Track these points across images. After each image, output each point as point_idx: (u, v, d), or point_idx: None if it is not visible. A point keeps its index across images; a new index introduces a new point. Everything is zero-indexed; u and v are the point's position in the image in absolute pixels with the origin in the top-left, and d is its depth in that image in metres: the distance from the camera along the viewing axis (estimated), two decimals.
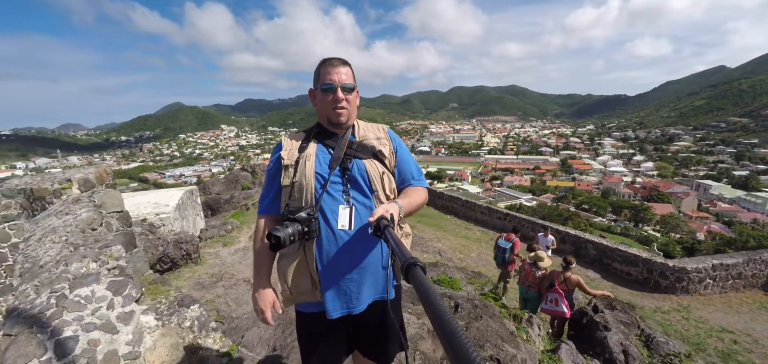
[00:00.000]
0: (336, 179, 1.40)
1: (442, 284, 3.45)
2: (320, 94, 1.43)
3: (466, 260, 8.34)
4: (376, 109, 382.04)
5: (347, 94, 1.43)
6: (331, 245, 1.37)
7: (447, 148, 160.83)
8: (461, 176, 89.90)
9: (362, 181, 1.42)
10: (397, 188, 1.54)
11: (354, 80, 1.47)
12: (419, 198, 1.52)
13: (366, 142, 1.49)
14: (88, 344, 1.42)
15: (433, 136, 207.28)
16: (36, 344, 1.35)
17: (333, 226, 1.37)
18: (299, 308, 1.52)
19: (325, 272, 1.38)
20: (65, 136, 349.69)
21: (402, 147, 1.59)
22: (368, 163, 1.45)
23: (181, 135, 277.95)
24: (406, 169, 1.56)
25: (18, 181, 5.39)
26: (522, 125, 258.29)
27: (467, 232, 11.82)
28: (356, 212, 1.39)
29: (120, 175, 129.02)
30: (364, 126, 1.57)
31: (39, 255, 2.15)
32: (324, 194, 1.38)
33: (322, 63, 1.45)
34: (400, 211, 1.37)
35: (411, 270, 0.82)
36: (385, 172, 1.48)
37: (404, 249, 0.97)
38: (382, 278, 1.45)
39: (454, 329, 0.57)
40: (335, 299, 1.41)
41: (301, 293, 1.42)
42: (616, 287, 7.83)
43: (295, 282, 1.41)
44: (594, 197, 57.85)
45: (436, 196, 16.57)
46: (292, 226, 1.27)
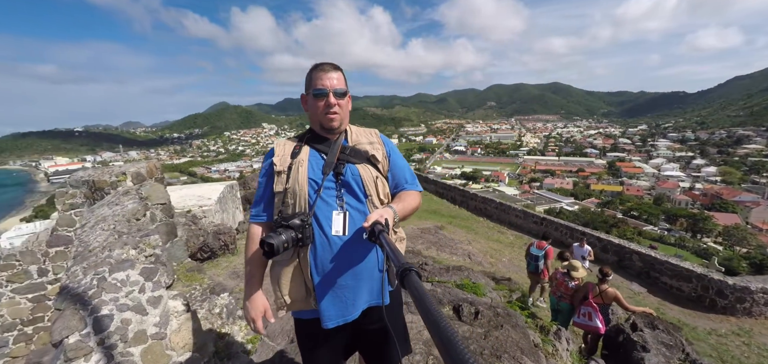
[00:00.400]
0: (329, 185, 1.39)
1: (465, 288, 3.37)
2: (312, 100, 1.43)
3: (496, 264, 8.09)
4: (411, 109, 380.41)
5: (339, 99, 1.42)
6: (325, 251, 1.36)
7: (483, 148, 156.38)
8: (498, 177, 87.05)
9: (356, 186, 1.41)
10: (391, 192, 1.53)
11: (346, 85, 1.47)
12: (413, 202, 1.50)
13: (359, 146, 1.48)
14: (121, 322, 1.57)
15: (469, 135, 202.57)
16: (78, 319, 1.51)
17: (327, 232, 1.36)
18: (296, 314, 1.50)
19: (320, 278, 1.37)
20: (126, 133, 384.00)
21: (395, 151, 1.58)
22: (362, 168, 1.44)
23: (226, 132, 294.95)
24: (399, 174, 1.54)
25: (83, 173, 6.02)
26: (565, 125, 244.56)
27: (500, 235, 11.44)
28: (350, 218, 1.38)
29: (172, 169, 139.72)
30: (356, 131, 1.55)
31: (90, 240, 2.40)
32: (317, 200, 1.36)
33: (314, 68, 1.45)
34: (395, 216, 1.35)
35: (406, 275, 0.81)
36: (379, 176, 1.47)
37: (399, 254, 0.96)
38: (378, 284, 1.43)
39: (451, 335, 0.56)
40: (330, 306, 1.39)
41: (295, 300, 1.41)
42: (664, 304, 7.21)
43: (289, 290, 1.40)
44: (645, 203, 53.52)
45: (468, 197, 16.21)
46: (286, 233, 1.26)
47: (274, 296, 1.43)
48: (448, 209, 15.25)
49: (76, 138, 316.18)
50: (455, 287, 3.32)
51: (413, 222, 11.22)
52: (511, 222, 13.27)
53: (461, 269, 3.95)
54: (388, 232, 1.19)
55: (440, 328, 0.59)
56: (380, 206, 1.44)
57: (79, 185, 5.41)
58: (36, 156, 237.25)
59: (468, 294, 3.21)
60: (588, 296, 4.18)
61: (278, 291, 1.40)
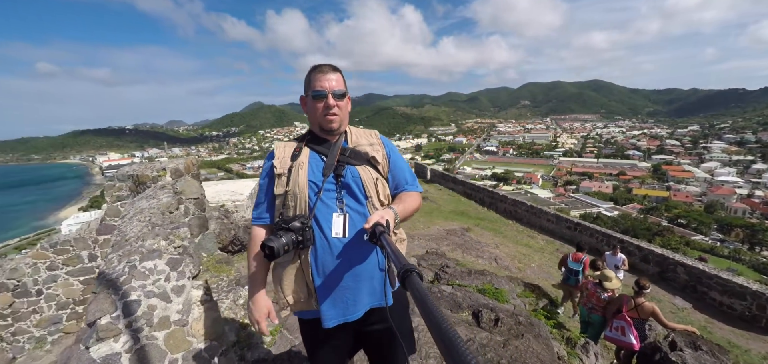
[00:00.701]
0: (329, 187, 1.39)
1: (487, 294, 3.27)
2: (311, 102, 1.42)
3: (524, 270, 7.81)
4: (441, 108, 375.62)
5: (338, 101, 1.42)
6: (325, 253, 1.37)
7: (516, 149, 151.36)
8: (530, 179, 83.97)
9: (356, 187, 1.41)
10: (391, 193, 1.52)
11: (345, 86, 1.46)
12: (413, 203, 1.49)
13: (359, 148, 1.47)
14: (147, 308, 1.68)
15: (500, 135, 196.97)
16: (110, 303, 1.64)
17: (327, 234, 1.36)
18: (299, 315, 1.52)
19: (321, 280, 1.38)
20: (170, 131, 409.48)
21: (395, 152, 1.57)
22: (362, 169, 1.43)
23: (261, 131, 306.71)
24: (399, 175, 1.53)
25: (129, 168, 6.50)
26: (605, 125, 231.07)
27: (529, 240, 11.04)
28: (350, 219, 1.38)
29: (210, 166, 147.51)
30: (356, 132, 1.54)
31: (127, 230, 2.58)
32: (318, 202, 1.36)
33: (313, 70, 1.44)
34: (396, 217, 1.34)
35: (407, 277, 0.81)
36: (379, 178, 1.46)
37: (400, 255, 0.95)
38: (379, 285, 1.43)
39: (452, 337, 0.56)
40: (331, 307, 1.40)
41: (297, 301, 1.43)
42: (712, 322, 6.63)
43: (291, 291, 1.41)
44: (694, 210, 49.44)
45: (498, 199, 15.76)
46: (286, 235, 1.27)
47: (276, 297, 1.45)
48: (475, 210, 14.92)
49: (127, 135, 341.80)
50: (476, 291, 3.23)
51: (439, 223, 11.10)
52: (542, 226, 12.76)
53: (484, 274, 3.85)
54: (389, 233, 1.19)
55: (442, 329, 0.58)
56: (380, 207, 1.43)
57: (124, 179, 5.83)
58: (92, 151, 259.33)
59: (489, 300, 3.12)
60: (622, 309, 3.93)
61: (280, 292, 1.42)
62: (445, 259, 5.34)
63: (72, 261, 6.09)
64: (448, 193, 18.82)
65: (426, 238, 8.88)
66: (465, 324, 2.62)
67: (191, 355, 1.75)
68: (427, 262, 5.14)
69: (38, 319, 5.88)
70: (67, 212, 68.85)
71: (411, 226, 10.23)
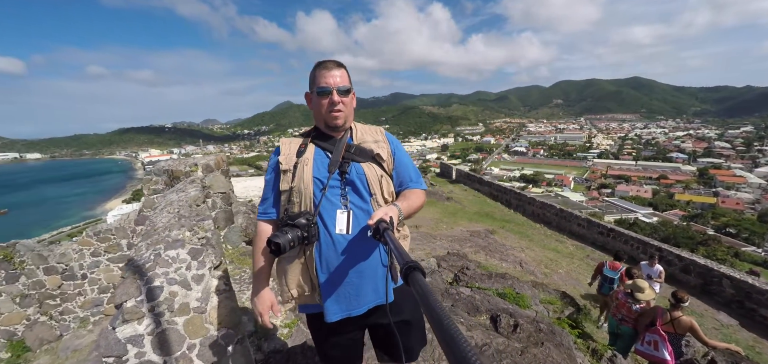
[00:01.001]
0: (334, 184, 1.40)
1: (507, 298, 3.16)
2: (316, 98, 1.43)
3: (551, 276, 7.52)
4: (469, 107, 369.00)
5: (343, 97, 1.42)
6: (329, 249, 1.38)
7: (547, 150, 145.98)
8: (562, 182, 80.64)
9: (361, 184, 1.41)
10: (396, 191, 1.52)
11: (349, 82, 1.46)
12: (418, 201, 1.50)
13: (364, 145, 1.48)
14: (169, 294, 1.77)
15: (530, 135, 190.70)
16: (135, 287, 1.74)
17: (331, 230, 1.38)
18: (304, 309, 1.54)
19: (325, 276, 1.40)
20: (205, 129, 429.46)
21: (400, 149, 1.56)
22: (366, 166, 1.43)
23: (290, 129, 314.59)
24: (404, 172, 1.53)
25: (164, 163, 6.89)
26: (645, 125, 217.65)
27: (558, 244, 10.61)
28: (354, 216, 1.38)
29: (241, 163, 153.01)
30: (361, 129, 1.55)
31: (157, 221, 2.73)
32: (322, 199, 1.38)
33: (317, 66, 1.44)
34: (399, 214, 1.34)
35: (410, 273, 0.81)
36: (384, 175, 1.46)
37: (403, 252, 0.95)
38: (382, 281, 1.42)
39: (454, 333, 0.56)
40: (334, 302, 1.41)
41: (301, 295, 1.45)
42: (761, 342, 6.09)
43: (295, 285, 1.43)
44: (746, 219, 45.47)
45: (525, 201, 15.28)
46: (292, 231, 1.28)
47: (280, 290, 1.48)
48: (501, 212, 14.54)
49: (166, 133, 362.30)
50: (496, 295, 3.14)
51: (463, 224, 10.91)
52: (572, 231, 12.23)
53: (505, 277, 3.73)
54: (392, 230, 1.19)
55: (443, 325, 0.58)
56: (385, 204, 1.44)
57: (160, 174, 6.17)
58: (136, 148, 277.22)
59: (509, 304, 3.02)
60: (656, 322, 3.68)
61: (285, 286, 1.45)
62: (467, 261, 5.24)
63: (113, 248, 6.54)
64: (473, 194, 18.47)
65: (449, 239, 8.76)
66: (482, 329, 2.56)
67: (208, 341, 1.82)
68: (448, 263, 5.06)
69: (82, 301, 6.37)
70: (112, 204, 74.14)
71: (434, 226, 10.14)
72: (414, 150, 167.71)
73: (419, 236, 8.69)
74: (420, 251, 6.94)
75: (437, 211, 12.28)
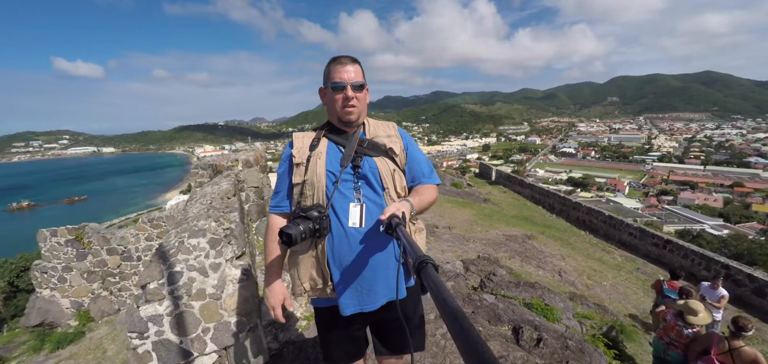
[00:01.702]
0: (347, 177, 1.40)
1: (534, 309, 2.95)
2: (330, 93, 1.43)
3: (594, 288, 6.99)
4: (513, 105, 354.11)
5: (357, 92, 1.42)
6: (342, 242, 1.38)
7: (598, 151, 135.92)
8: (615, 186, 74.62)
9: (373, 178, 1.41)
10: (409, 185, 1.51)
11: (363, 78, 1.46)
12: (430, 196, 1.49)
13: (377, 139, 1.47)
14: (187, 279, 1.89)
15: (581, 135, 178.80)
16: (159, 271, 1.87)
17: (344, 223, 1.38)
18: (314, 303, 1.54)
19: (337, 269, 1.40)
20: (254, 127, 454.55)
21: (412, 144, 1.56)
22: (379, 160, 1.43)
23: None
24: (417, 167, 1.52)
25: (210, 158, 7.40)
26: (717, 125, 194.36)
27: (604, 254, 9.84)
28: (367, 210, 1.38)
29: None
30: (374, 124, 1.55)
31: (189, 211, 2.93)
32: (335, 192, 1.38)
33: (332, 62, 1.45)
34: (412, 209, 1.34)
35: (423, 268, 0.80)
36: (396, 169, 1.46)
37: (416, 247, 0.94)
38: (394, 276, 1.41)
39: (467, 328, 0.56)
40: (347, 296, 1.42)
41: (313, 289, 1.45)
42: None
43: (307, 278, 1.44)
44: None
45: (569, 206, 14.34)
46: (304, 223, 1.28)
47: (293, 283, 1.50)
48: (542, 217, 13.79)
49: (219, 130, 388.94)
50: (522, 305, 2.95)
51: (499, 228, 10.50)
52: (622, 240, 11.27)
53: (535, 287, 3.49)
54: (405, 225, 1.18)
55: (457, 320, 0.58)
56: (397, 198, 1.44)
57: (205, 168, 6.61)
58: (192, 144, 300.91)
59: (536, 316, 2.83)
60: (710, 351, 3.25)
61: (297, 279, 1.46)
62: (497, 266, 5.03)
63: (163, 234, 7.15)
64: (513, 196, 17.71)
65: (482, 242, 8.48)
66: (501, 340, 2.42)
67: (221, 327, 1.92)
68: (477, 267, 4.89)
69: (136, 280, 7.03)
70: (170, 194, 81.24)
71: (467, 228, 9.87)
72: (453, 149, 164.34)
73: (452, 237, 8.50)
74: (450, 252, 6.79)
75: (473, 213, 11.93)
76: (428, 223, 9.43)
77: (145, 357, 1.83)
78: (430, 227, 9.07)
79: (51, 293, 6.82)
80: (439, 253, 6.54)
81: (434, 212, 10.93)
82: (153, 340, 1.81)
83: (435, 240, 7.95)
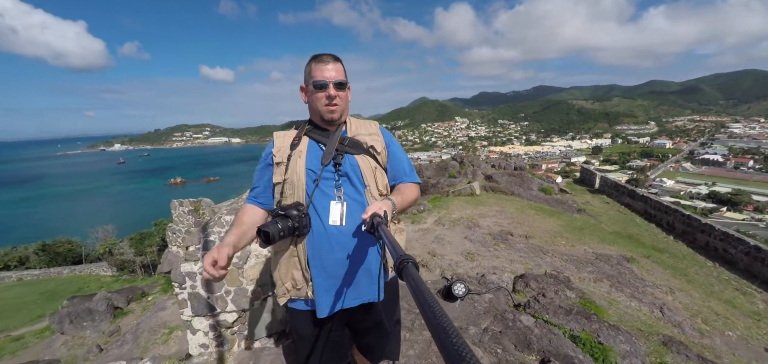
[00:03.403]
0: (328, 175, 1.41)
1: (579, 344, 2.42)
2: (312, 92, 1.43)
3: (710, 336, 5.54)
4: (636, 101, 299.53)
5: (339, 91, 1.42)
6: (322, 241, 1.38)
7: (761, 161, 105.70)
8: None
9: (354, 176, 1.42)
10: (390, 184, 1.52)
11: (345, 76, 1.45)
12: (411, 195, 1.52)
13: (358, 137, 1.47)
14: None
15: (733, 139, 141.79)
16: (197, 238, 2.29)
17: (325, 222, 1.38)
18: (291, 305, 1.54)
19: (317, 268, 1.40)
20: None
21: (394, 143, 1.56)
22: (360, 158, 1.44)
23: (423, 125, 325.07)
24: (398, 166, 1.53)
25: None
26: None
27: (738, 296, 7.71)
28: (348, 208, 1.38)
29: None
30: (356, 123, 1.55)
31: None
32: (315, 190, 1.39)
33: (313, 59, 1.44)
34: (393, 208, 1.34)
35: (404, 267, 0.82)
36: (377, 167, 1.46)
37: (397, 246, 0.96)
38: (375, 276, 1.42)
39: (446, 326, 0.57)
40: (325, 296, 1.41)
41: (293, 289, 1.46)
42: None
43: (288, 278, 1.46)
44: None
45: (696, 228, 11.55)
46: (282, 221, 1.29)
47: (276, 285, 1.52)
48: (653, 237, 11.48)
49: None
50: (567, 336, 2.51)
51: (590, 244, 9.15)
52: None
53: (590, 318, 2.92)
54: (386, 224, 1.19)
55: (435, 316, 0.59)
56: (379, 197, 1.44)
57: None
58: None
59: (579, 353, 2.37)
60: None
61: (279, 279, 1.49)
62: (565, 287, 4.42)
63: None
64: (617, 209, 15.18)
65: (562, 258, 7.52)
66: None
67: (240, 291, 2.25)
68: (538, 284, 4.38)
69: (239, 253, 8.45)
70: None
71: (549, 240, 8.88)
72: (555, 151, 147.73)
73: (527, 248, 7.77)
74: (508, 263, 6.25)
75: (559, 223, 10.64)
76: (503, 229, 8.80)
77: (183, 303, 2.23)
78: (503, 233, 8.46)
79: (176, 249, 8.59)
80: (492, 260, 6.12)
81: (513, 218, 10.10)
82: (188, 291, 2.20)
83: (505, 248, 7.39)
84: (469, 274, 5.52)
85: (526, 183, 13.62)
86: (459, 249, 7.26)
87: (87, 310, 7.19)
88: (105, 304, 7.29)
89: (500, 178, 14.14)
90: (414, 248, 7.32)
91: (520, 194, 12.79)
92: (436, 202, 11.85)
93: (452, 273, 5.00)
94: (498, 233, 8.41)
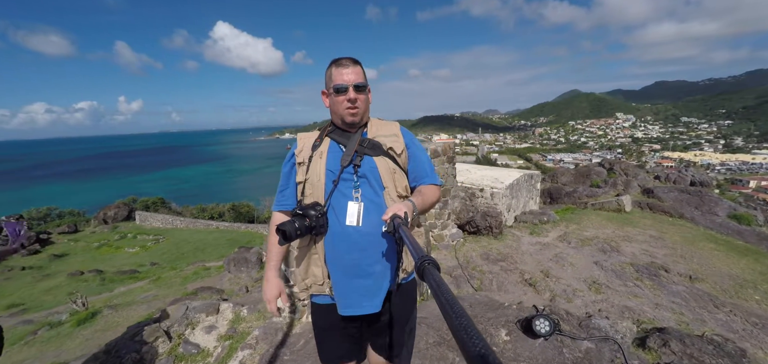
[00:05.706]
0: (347, 176, 1.44)
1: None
2: (333, 96, 1.46)
3: None
4: None
5: (359, 94, 1.44)
6: (340, 240, 1.43)
7: None
8: None
9: (373, 178, 1.42)
10: (411, 186, 1.50)
11: (365, 79, 1.45)
12: (432, 196, 1.51)
13: (378, 139, 1.47)
14: None
15: None
16: None
17: (342, 222, 1.42)
18: (314, 299, 1.59)
19: (335, 267, 1.45)
20: (486, 119, 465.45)
21: (414, 144, 1.52)
22: (379, 160, 1.43)
23: (571, 122, 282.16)
24: (419, 167, 1.51)
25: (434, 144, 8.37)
26: None
27: None
28: (365, 209, 1.40)
29: (511, 153, 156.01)
30: (377, 124, 1.53)
31: None
32: (334, 191, 1.43)
33: (333, 64, 1.47)
34: (414, 209, 1.33)
35: (425, 268, 0.83)
36: (397, 170, 1.45)
37: (418, 247, 0.98)
38: (392, 276, 1.43)
39: (466, 324, 0.58)
40: (345, 295, 1.46)
41: (312, 285, 1.52)
42: None
43: (306, 274, 1.52)
44: None
45: None
46: (300, 220, 1.36)
47: (296, 279, 1.59)
48: None
49: (454, 121, 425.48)
50: None
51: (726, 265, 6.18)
52: None
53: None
54: (407, 225, 1.20)
55: (456, 314, 0.60)
56: (397, 198, 1.44)
57: None
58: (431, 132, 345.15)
59: None
60: None
61: (299, 275, 1.56)
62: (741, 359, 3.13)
63: None
64: None
65: (748, 320, 5.30)
66: None
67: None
68: (680, 348, 3.26)
69: None
70: None
71: (728, 290, 6.42)
72: None
73: (688, 292, 5.81)
74: (652, 307, 4.77)
75: (755, 269, 7.51)
76: (654, 261, 6.84)
77: None
78: (654, 266, 6.59)
79: None
80: (625, 298, 4.86)
81: (673, 250, 7.69)
82: None
83: (651, 286, 5.73)
84: (586, 310, 4.51)
85: (707, 205, 10.12)
86: (583, 275, 6.04)
87: (244, 259, 9.24)
88: (256, 257, 9.21)
89: (665, 195, 10.98)
90: (525, 262, 6.51)
91: (693, 218, 9.62)
92: (566, 213, 10.18)
93: (550, 304, 4.19)
94: (645, 264, 6.57)
